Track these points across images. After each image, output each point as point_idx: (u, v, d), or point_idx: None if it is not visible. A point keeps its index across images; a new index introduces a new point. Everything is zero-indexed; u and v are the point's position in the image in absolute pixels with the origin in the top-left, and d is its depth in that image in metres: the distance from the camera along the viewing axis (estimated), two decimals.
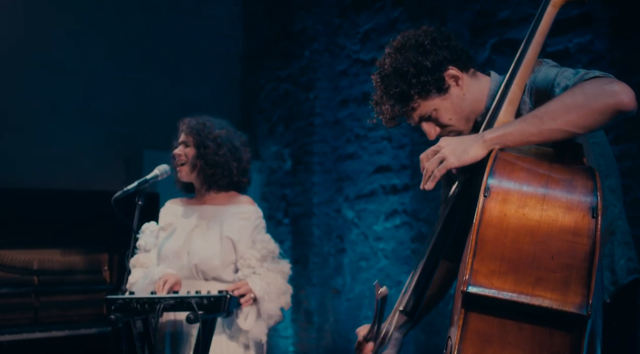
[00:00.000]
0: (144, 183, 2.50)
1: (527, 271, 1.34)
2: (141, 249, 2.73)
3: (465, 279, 1.36)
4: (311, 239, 5.38)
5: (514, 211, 1.38)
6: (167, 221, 2.73)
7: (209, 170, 2.65)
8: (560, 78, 1.61)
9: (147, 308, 2.22)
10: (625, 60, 3.47)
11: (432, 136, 1.81)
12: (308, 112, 5.57)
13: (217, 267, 2.56)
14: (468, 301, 1.36)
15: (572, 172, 1.44)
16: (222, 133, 2.70)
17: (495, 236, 1.37)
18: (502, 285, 1.34)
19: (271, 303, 2.55)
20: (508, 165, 1.45)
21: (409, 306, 1.59)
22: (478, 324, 1.37)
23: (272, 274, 2.59)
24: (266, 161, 6.08)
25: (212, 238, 2.60)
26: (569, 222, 1.35)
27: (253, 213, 2.69)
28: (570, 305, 1.31)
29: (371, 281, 4.97)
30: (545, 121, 1.47)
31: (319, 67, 5.52)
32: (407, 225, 4.72)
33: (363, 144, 5.16)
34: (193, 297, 2.23)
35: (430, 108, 1.76)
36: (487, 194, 1.39)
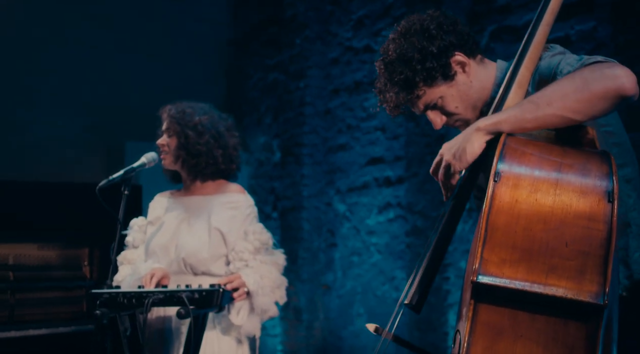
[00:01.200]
0: (130, 172, 2.44)
1: (540, 259, 1.32)
2: (129, 246, 2.68)
3: (475, 269, 1.33)
4: (301, 233, 5.35)
5: (525, 196, 1.35)
6: (155, 215, 2.68)
7: (192, 160, 2.59)
8: (563, 65, 1.59)
9: (135, 302, 2.17)
10: (628, 47, 3.46)
11: (437, 125, 1.79)
12: (298, 101, 5.53)
13: (206, 260, 2.51)
14: (478, 292, 1.33)
15: (586, 156, 1.42)
16: (204, 120, 2.63)
17: (506, 223, 1.34)
18: (513, 274, 1.31)
19: (265, 297, 2.51)
20: (518, 149, 1.43)
21: (414, 299, 1.56)
22: (489, 316, 1.34)
23: (265, 267, 2.55)
24: (254, 152, 6.04)
25: (199, 230, 2.55)
26: (584, 208, 1.32)
27: (243, 202, 2.64)
28: (586, 294, 1.28)
29: (363, 276, 4.96)
30: (542, 107, 1.45)
31: (310, 55, 5.48)
32: (402, 218, 4.70)
33: (355, 134, 5.13)
34: (184, 291, 2.17)
35: (436, 96, 1.74)
36: (497, 179, 1.36)
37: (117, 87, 5.57)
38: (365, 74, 5.13)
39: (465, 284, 1.46)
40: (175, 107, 2.65)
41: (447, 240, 1.63)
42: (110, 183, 2.37)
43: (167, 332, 2.50)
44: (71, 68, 5.40)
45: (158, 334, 2.51)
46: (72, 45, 5.41)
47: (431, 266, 1.60)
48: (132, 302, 2.17)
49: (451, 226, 1.62)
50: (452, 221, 1.62)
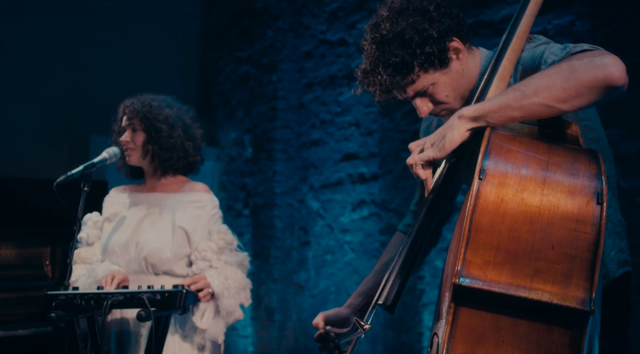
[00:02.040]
0: (90, 167, 2.35)
1: (525, 262, 1.27)
2: (83, 243, 2.57)
3: (457, 271, 1.28)
4: (273, 231, 5.29)
5: (511, 195, 1.30)
6: (112, 211, 2.57)
7: (165, 154, 2.52)
8: (547, 54, 1.54)
9: (93, 304, 2.09)
10: (606, 43, 3.46)
11: (423, 113, 1.70)
12: (270, 95, 5.46)
13: (169, 259, 2.43)
14: (459, 295, 1.29)
15: (573, 155, 1.37)
16: (173, 113, 2.56)
17: (490, 223, 1.29)
18: (497, 277, 1.27)
19: (230, 299, 2.44)
20: (504, 146, 1.37)
21: (389, 299, 1.50)
22: (469, 320, 1.30)
23: (230, 268, 2.48)
24: (225, 147, 5.96)
25: (163, 228, 2.47)
26: (572, 209, 1.28)
27: (209, 202, 2.57)
28: (572, 300, 1.24)
29: (337, 275, 4.92)
30: (528, 95, 1.39)
31: (282, 47, 5.42)
32: (376, 216, 4.67)
33: (329, 130, 5.09)
34: (145, 292, 2.08)
35: (429, 82, 1.66)
36: (482, 177, 1.31)
37: (83, 79, 5.44)
38: (340, 68, 5.08)
39: (445, 285, 1.41)
40: (138, 101, 2.56)
41: (424, 237, 1.56)
42: (68, 179, 2.27)
43: (126, 335, 2.41)
44: (33, 58, 5.25)
45: (117, 337, 2.42)
46: (35, 35, 5.25)
47: (407, 264, 1.54)
48: (90, 304, 2.08)
49: (429, 223, 1.56)
50: (430, 218, 1.56)
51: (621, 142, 3.41)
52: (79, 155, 5.10)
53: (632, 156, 3.38)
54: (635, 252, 3.27)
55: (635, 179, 3.41)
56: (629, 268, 1.68)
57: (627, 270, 1.68)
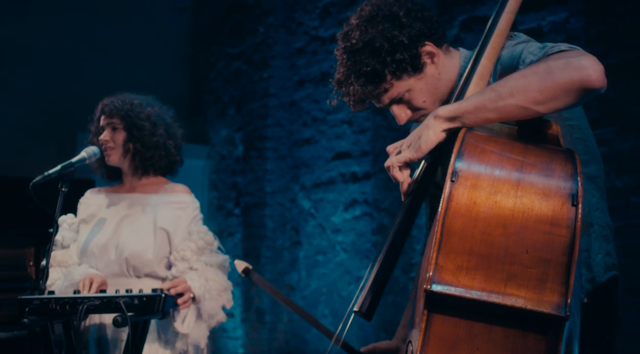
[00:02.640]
0: (68, 167, 2.32)
1: (499, 267, 1.24)
2: (58, 245, 2.54)
3: (429, 276, 1.25)
4: (264, 231, 5.27)
5: (484, 198, 1.27)
6: (89, 213, 2.55)
7: (147, 153, 2.50)
8: (526, 54, 1.52)
9: (69, 309, 2.05)
10: (601, 39, 3.44)
11: (402, 120, 1.70)
12: (262, 92, 5.44)
13: (151, 261, 2.40)
14: (432, 301, 1.25)
15: (549, 155, 1.35)
16: (155, 111, 2.55)
17: (463, 226, 1.27)
18: (470, 283, 1.24)
19: (212, 301, 2.41)
20: (478, 146, 1.35)
21: (364, 306, 1.48)
22: (443, 328, 1.27)
23: (211, 269, 2.45)
24: (216, 146, 5.94)
25: (144, 229, 2.44)
26: (546, 211, 1.25)
27: (190, 203, 2.56)
28: (547, 305, 1.22)
29: (329, 276, 4.91)
30: (504, 97, 1.37)
31: (274, 44, 5.40)
32: (368, 216, 4.65)
33: (321, 128, 5.07)
34: (122, 296, 2.05)
35: (404, 89, 1.65)
36: (454, 179, 1.29)
37: (70, 75, 5.40)
38: (332, 65, 5.02)
39: (419, 292, 1.38)
40: (118, 99, 2.54)
41: (402, 241, 1.54)
42: (45, 179, 2.25)
43: (105, 341, 2.38)
44: (19, 54, 5.22)
45: (96, 343, 2.39)
46: (21, 30, 5.22)
47: (383, 270, 1.52)
48: (65, 309, 2.04)
49: (406, 226, 1.54)
50: (407, 221, 1.54)
51: (615, 141, 3.39)
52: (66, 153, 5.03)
53: (626, 153, 3.36)
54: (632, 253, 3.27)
55: (630, 177, 3.39)
56: (615, 272, 1.65)
57: (614, 274, 1.65)
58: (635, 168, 3.35)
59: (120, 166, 2.56)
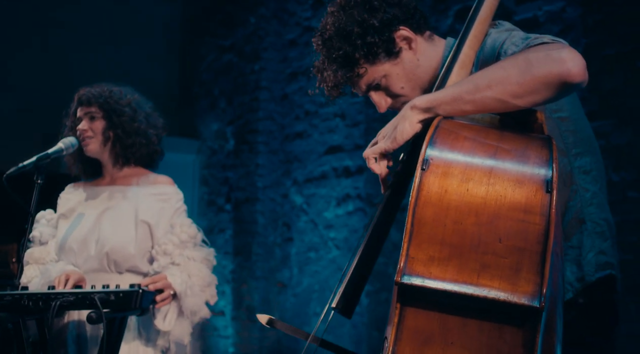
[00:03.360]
0: (44, 158, 2.30)
1: (472, 257, 1.22)
2: (36, 242, 2.50)
3: (399, 268, 1.23)
4: (255, 227, 5.26)
5: (455, 186, 1.25)
6: (68, 207, 2.51)
7: (127, 139, 2.46)
8: (508, 44, 1.51)
9: (42, 305, 2.02)
10: (597, 29, 3.42)
11: (382, 108, 1.71)
12: (253, 85, 5.41)
13: (133, 256, 2.37)
14: (404, 294, 1.23)
15: (526, 141, 1.33)
16: (134, 98, 2.54)
17: (434, 216, 1.24)
18: (442, 274, 1.22)
19: (194, 297, 2.38)
20: (452, 134, 1.33)
21: (341, 303, 1.46)
22: (416, 321, 1.24)
23: (194, 264, 2.42)
24: (206, 140, 5.92)
25: (125, 222, 2.41)
26: (520, 199, 1.23)
27: (173, 195, 2.52)
28: (521, 296, 1.19)
29: (321, 273, 4.89)
30: (481, 88, 1.37)
31: (265, 35, 5.37)
32: (361, 211, 4.64)
33: (313, 121, 5.05)
34: (97, 292, 2.01)
35: (380, 74, 1.67)
36: (425, 167, 1.27)
37: (56, 66, 5.37)
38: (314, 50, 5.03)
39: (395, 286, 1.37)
40: (93, 89, 2.52)
41: (383, 235, 1.53)
42: (20, 171, 2.22)
43: (84, 339, 2.35)
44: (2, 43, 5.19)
45: (74, 341, 2.36)
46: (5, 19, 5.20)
47: (363, 264, 1.51)
48: (38, 305, 2.01)
49: (386, 219, 1.53)
50: (387, 215, 1.53)
51: (612, 134, 3.36)
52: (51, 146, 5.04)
53: (624, 147, 3.34)
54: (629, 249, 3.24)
55: (627, 171, 3.36)
56: (611, 271, 1.60)
57: (609, 273, 1.60)
58: (632, 162, 3.33)
59: (100, 156, 2.53)
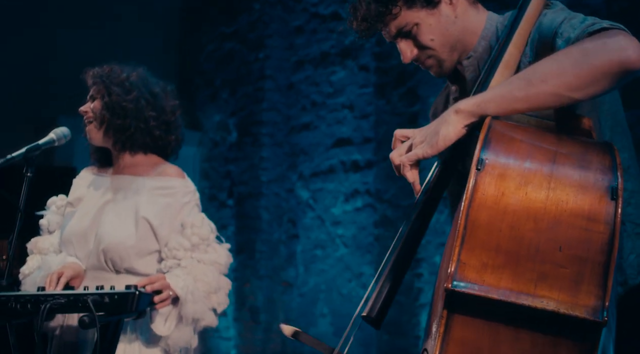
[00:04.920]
0: (34, 149, 2.21)
1: (529, 265, 1.19)
2: (44, 230, 2.43)
3: (449, 273, 1.20)
4: (259, 223, 5.22)
5: (513, 189, 1.22)
6: (77, 195, 2.42)
7: (117, 121, 2.33)
8: (565, 27, 1.48)
9: (31, 308, 1.94)
10: (622, 15, 3.38)
11: (406, 58, 1.68)
12: (257, 75, 5.36)
13: (129, 255, 2.26)
14: (452, 301, 1.21)
15: (585, 146, 1.31)
16: (133, 76, 2.40)
17: (489, 219, 1.22)
18: (496, 282, 1.19)
19: (197, 303, 2.26)
20: (506, 135, 1.31)
21: (374, 311, 1.42)
22: (464, 332, 1.22)
23: (201, 267, 2.30)
24: (208, 132, 5.89)
25: (125, 218, 2.30)
26: (582, 205, 1.20)
27: (180, 188, 2.37)
28: (582, 309, 1.17)
29: (328, 272, 4.86)
30: (535, 83, 1.34)
31: (270, 22, 5.32)
32: (370, 207, 4.61)
33: (320, 112, 5.01)
34: (90, 294, 1.92)
35: (412, 21, 1.65)
36: (480, 167, 1.24)
37: (50, 55, 5.32)
38: (333, 44, 4.99)
39: (437, 292, 1.33)
40: (100, 68, 2.44)
41: (416, 243, 1.50)
42: (8, 163, 2.15)
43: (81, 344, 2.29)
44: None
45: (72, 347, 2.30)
46: None
47: (396, 272, 1.47)
48: (27, 308, 1.93)
49: (420, 226, 1.50)
50: (421, 222, 1.50)
51: (636, 125, 3.33)
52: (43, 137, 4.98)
53: None
54: None
55: None
56: None
57: None
58: None
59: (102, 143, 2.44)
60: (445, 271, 1.26)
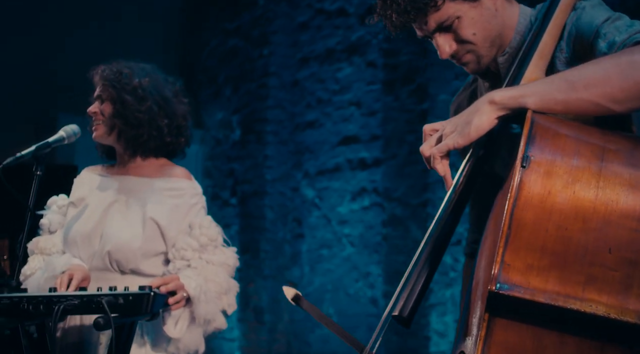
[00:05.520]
0: (44, 147, 2.19)
1: (576, 267, 1.17)
2: (44, 230, 2.41)
3: (493, 275, 1.18)
4: (263, 222, 5.20)
5: (560, 187, 1.20)
6: (79, 195, 2.41)
7: (130, 131, 2.34)
8: (609, 28, 1.44)
9: (43, 309, 1.92)
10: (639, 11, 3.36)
11: (445, 53, 1.62)
12: (261, 71, 5.35)
13: (136, 257, 2.25)
14: (495, 304, 1.19)
15: (632, 142, 1.28)
16: (145, 82, 2.37)
17: (535, 219, 1.19)
18: (542, 284, 1.17)
19: (209, 304, 2.25)
20: (550, 130, 1.27)
21: (406, 310, 1.40)
22: (507, 336, 1.20)
23: (212, 268, 2.30)
24: (210, 129, 5.87)
25: (132, 219, 2.29)
26: (633, 205, 1.18)
27: (188, 190, 2.39)
28: (633, 314, 1.15)
29: (334, 272, 4.84)
30: (577, 88, 1.32)
31: (274, 18, 5.30)
32: (378, 206, 4.58)
33: (326, 110, 4.99)
34: (105, 295, 1.90)
35: (455, 13, 1.59)
36: (525, 164, 1.21)
37: (50, 52, 5.29)
38: (339, 41, 4.97)
39: (475, 294, 1.30)
40: (109, 68, 2.41)
41: (448, 239, 1.49)
42: (18, 161, 2.13)
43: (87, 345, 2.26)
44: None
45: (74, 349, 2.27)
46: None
47: (428, 269, 1.45)
48: (39, 309, 1.91)
49: (452, 222, 1.48)
50: (453, 217, 1.48)
51: None
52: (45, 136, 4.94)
53: None
54: None
55: None
56: None
57: None
58: None
59: (108, 143, 2.43)
60: (486, 272, 1.23)
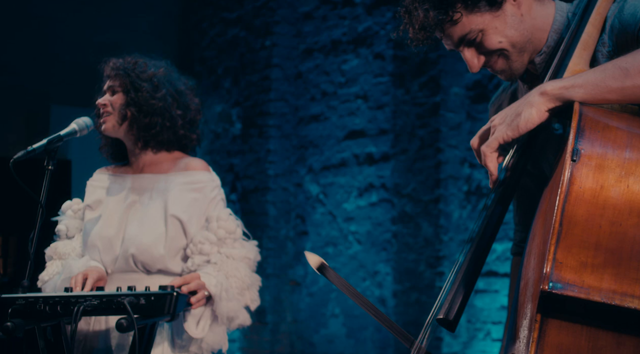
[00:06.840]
0: (56, 141, 2.17)
1: (633, 264, 1.16)
2: (62, 236, 2.40)
3: (545, 274, 1.16)
4: (265, 219, 5.18)
5: (613, 181, 1.19)
6: (95, 198, 2.40)
7: (144, 119, 2.33)
8: None
9: (60, 310, 1.92)
10: None
11: (474, 68, 1.61)
12: (263, 63, 5.32)
13: (163, 256, 2.25)
14: (548, 304, 1.18)
15: None
16: (159, 73, 2.39)
17: (587, 215, 1.18)
18: (597, 283, 1.16)
19: (231, 301, 2.27)
20: (600, 122, 1.26)
21: (451, 313, 1.39)
22: (561, 337, 1.19)
23: (232, 263, 2.31)
24: (209, 123, 5.84)
25: (153, 219, 2.29)
26: None
27: (208, 182, 2.38)
28: None
29: (340, 271, 4.82)
30: (632, 75, 1.31)
31: (277, 7, 5.28)
32: (387, 203, 4.57)
33: (332, 103, 4.97)
34: (126, 295, 1.91)
35: (477, 27, 1.57)
36: (575, 158, 1.20)
37: (43, 42, 5.26)
38: (345, 32, 4.96)
39: (524, 294, 1.29)
40: (122, 59, 2.40)
41: (493, 237, 1.47)
42: (29, 155, 2.11)
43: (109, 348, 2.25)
44: None
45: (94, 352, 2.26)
46: None
47: (472, 270, 1.44)
48: (56, 310, 1.91)
49: (498, 218, 1.47)
50: (500, 213, 1.46)
51: None
52: (37, 128, 4.95)
53: None
54: None
55: None
56: None
57: None
58: None
59: (117, 136, 2.41)
60: (536, 271, 1.22)
